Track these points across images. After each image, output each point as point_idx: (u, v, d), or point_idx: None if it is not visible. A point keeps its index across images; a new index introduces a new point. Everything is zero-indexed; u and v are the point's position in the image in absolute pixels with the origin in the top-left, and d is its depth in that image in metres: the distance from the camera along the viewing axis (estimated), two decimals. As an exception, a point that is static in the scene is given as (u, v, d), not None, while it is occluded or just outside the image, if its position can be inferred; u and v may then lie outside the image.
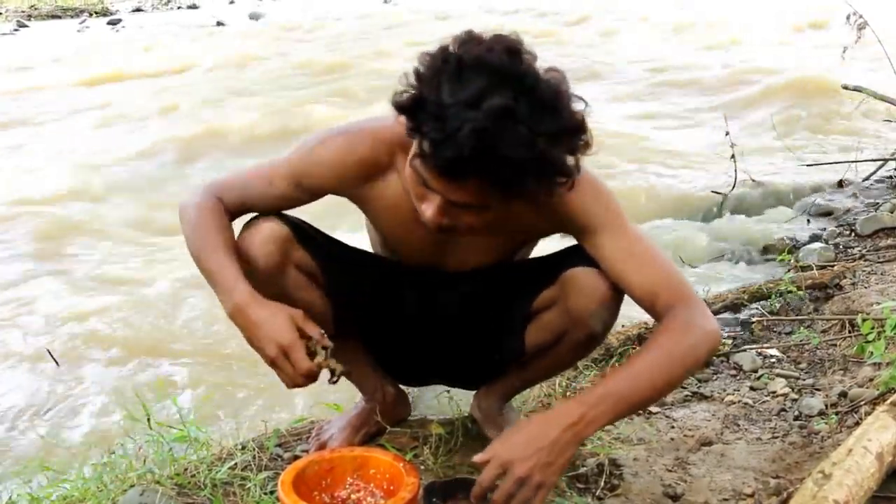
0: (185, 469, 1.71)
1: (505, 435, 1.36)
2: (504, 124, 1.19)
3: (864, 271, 3.00)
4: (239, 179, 1.58)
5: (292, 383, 1.42)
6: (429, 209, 1.32)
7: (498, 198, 1.28)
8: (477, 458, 1.35)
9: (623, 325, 2.46)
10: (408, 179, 1.35)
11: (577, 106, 1.27)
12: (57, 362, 2.86)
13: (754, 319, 2.72)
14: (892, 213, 3.63)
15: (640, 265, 1.44)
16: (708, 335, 1.39)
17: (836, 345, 2.47)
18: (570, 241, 1.54)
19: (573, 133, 1.26)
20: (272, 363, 1.41)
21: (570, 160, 1.28)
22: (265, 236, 1.54)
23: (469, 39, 1.25)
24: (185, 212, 1.53)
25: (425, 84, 1.24)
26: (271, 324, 1.40)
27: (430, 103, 1.22)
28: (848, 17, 4.27)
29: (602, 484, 1.72)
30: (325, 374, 1.46)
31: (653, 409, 2.10)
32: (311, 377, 1.42)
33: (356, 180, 1.52)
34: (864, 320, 2.16)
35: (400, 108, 1.27)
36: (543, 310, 1.60)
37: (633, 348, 2.36)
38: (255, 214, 1.58)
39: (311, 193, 1.56)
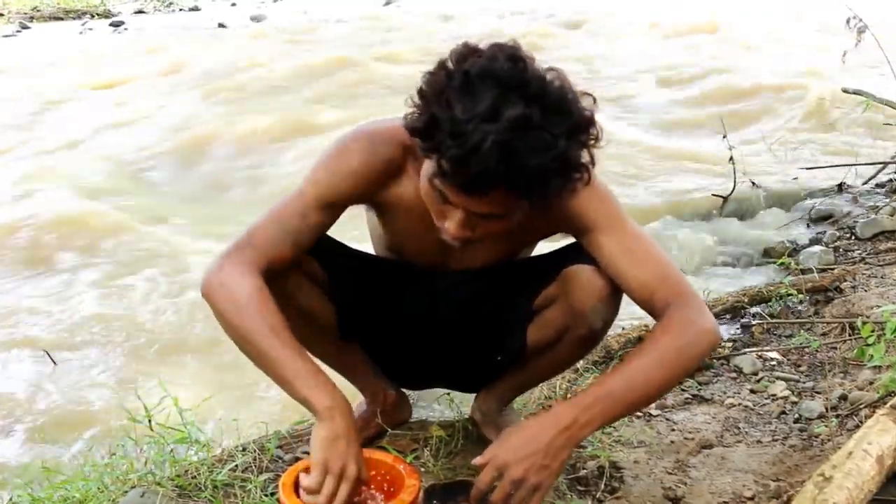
0: (186, 471, 1.71)
1: (502, 437, 1.38)
2: (524, 133, 1.19)
3: (864, 274, 3.00)
4: (271, 229, 1.45)
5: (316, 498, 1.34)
6: (452, 225, 1.32)
7: (523, 204, 1.28)
8: (476, 460, 1.36)
9: (623, 328, 2.46)
10: (426, 198, 1.35)
11: (584, 101, 1.28)
12: (54, 361, 2.86)
13: (754, 322, 2.73)
14: (891, 216, 3.63)
15: (638, 262, 1.44)
16: (706, 333, 1.40)
17: (836, 348, 2.47)
18: (570, 239, 1.55)
19: (585, 129, 1.27)
20: (323, 470, 1.33)
21: (585, 155, 1.29)
22: None
23: (468, 52, 1.25)
24: (219, 293, 1.42)
25: (434, 103, 1.23)
26: (353, 449, 1.35)
27: (444, 121, 1.20)
28: (848, 21, 4.27)
29: (602, 486, 1.72)
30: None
31: (653, 411, 2.11)
32: None
33: (379, 183, 1.49)
34: (864, 323, 2.16)
35: (414, 131, 1.26)
36: (544, 307, 1.61)
37: (634, 351, 2.36)
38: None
39: (343, 208, 1.51)
